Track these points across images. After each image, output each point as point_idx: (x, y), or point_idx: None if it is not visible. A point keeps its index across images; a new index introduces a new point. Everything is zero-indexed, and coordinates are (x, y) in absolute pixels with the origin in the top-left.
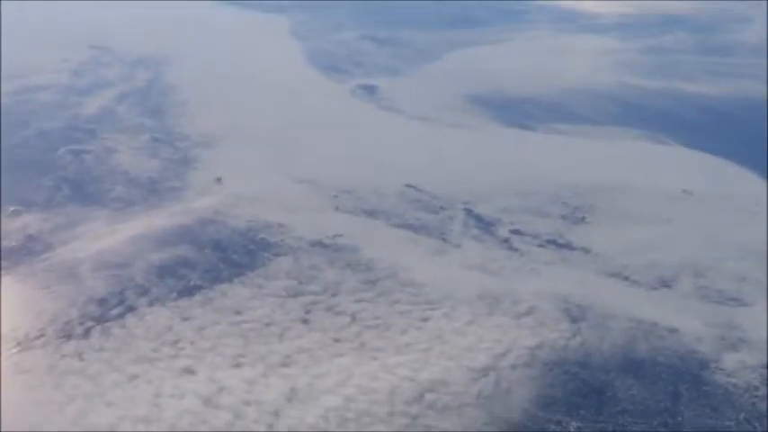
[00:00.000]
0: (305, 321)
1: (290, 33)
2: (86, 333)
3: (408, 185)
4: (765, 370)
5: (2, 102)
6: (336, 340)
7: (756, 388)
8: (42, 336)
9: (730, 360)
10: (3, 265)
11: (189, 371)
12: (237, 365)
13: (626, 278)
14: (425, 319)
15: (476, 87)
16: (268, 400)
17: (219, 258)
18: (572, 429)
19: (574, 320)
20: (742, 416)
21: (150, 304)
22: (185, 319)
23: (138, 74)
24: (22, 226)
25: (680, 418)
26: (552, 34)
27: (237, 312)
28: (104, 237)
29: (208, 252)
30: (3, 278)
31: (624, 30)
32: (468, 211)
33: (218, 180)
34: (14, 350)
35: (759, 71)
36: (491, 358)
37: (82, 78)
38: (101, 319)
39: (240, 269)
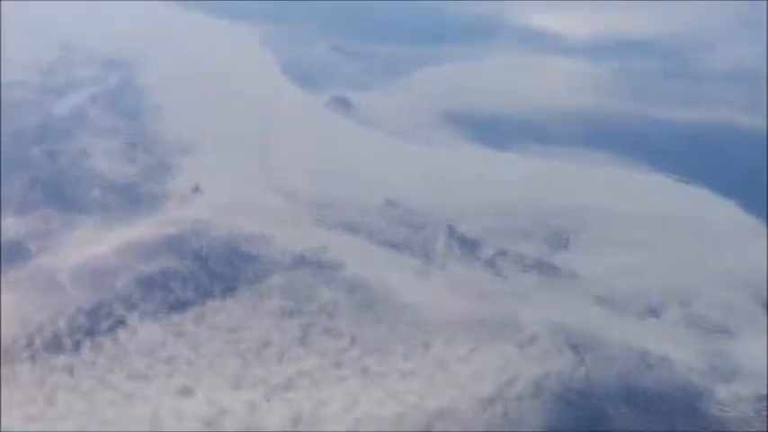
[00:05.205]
0: (303, 343)
1: (260, 43)
2: (76, 346)
3: (389, 202)
4: (759, 402)
5: None
6: (338, 364)
7: (751, 420)
8: (30, 347)
9: (724, 391)
10: None
11: (187, 391)
12: (237, 387)
13: (615, 305)
14: (427, 345)
15: (449, 105)
16: (272, 425)
17: (206, 272)
18: None
19: (576, 351)
20: None
21: (141, 318)
22: (179, 335)
23: (109, 75)
24: None
25: None
26: (522, 54)
27: (233, 331)
28: (87, 245)
29: (193, 265)
30: None
31: (593, 52)
32: (451, 231)
33: (196, 188)
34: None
35: (726, 97)
36: (497, 388)
37: (53, 77)
38: (90, 333)
39: (230, 284)
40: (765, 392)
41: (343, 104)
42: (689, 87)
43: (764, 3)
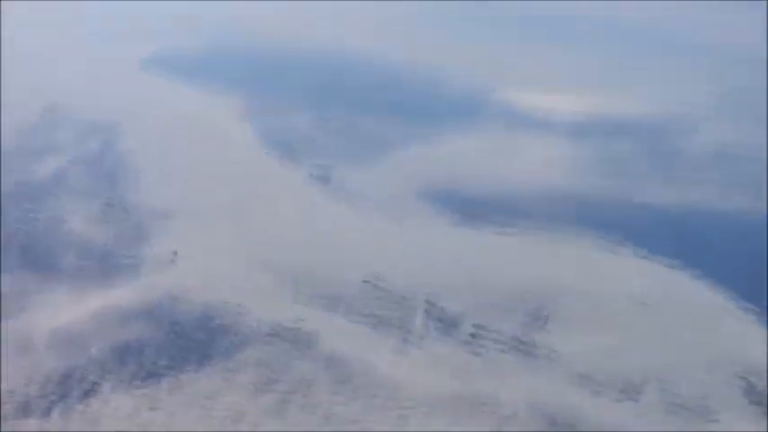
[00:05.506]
0: (278, 416)
1: (241, 114)
2: (47, 413)
3: (368, 277)
4: None
5: None
6: None
7: None
8: None
9: None
10: None
11: None
12: None
13: (593, 384)
14: (404, 422)
15: (431, 181)
16: None
17: (182, 342)
18: None
19: (554, 430)
20: None
21: (114, 387)
22: (153, 404)
23: (89, 140)
24: None
25: None
26: (505, 133)
27: (207, 401)
28: (61, 310)
29: (168, 334)
30: None
31: (576, 132)
32: (428, 309)
33: (174, 255)
34: None
35: (709, 179)
36: None
37: (33, 139)
38: (62, 400)
39: (205, 354)
40: None
41: (324, 178)
42: (671, 168)
43: (747, 84)
